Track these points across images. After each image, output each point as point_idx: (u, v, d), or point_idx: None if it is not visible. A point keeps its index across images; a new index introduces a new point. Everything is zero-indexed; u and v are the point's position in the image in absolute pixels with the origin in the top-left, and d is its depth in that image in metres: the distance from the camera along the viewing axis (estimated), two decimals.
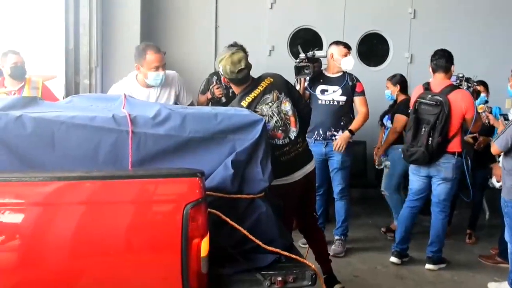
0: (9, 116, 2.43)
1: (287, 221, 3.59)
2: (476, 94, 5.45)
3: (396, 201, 5.92)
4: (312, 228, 4.13)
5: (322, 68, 5.22)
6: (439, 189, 4.85)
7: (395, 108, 5.81)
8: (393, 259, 5.05)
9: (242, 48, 4.84)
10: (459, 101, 4.65)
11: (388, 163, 5.74)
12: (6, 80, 4.86)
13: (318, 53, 5.06)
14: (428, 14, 7.64)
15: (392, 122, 5.76)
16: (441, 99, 4.62)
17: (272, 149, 3.00)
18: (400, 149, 5.52)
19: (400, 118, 5.61)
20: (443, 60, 4.79)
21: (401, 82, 5.94)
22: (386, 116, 6.03)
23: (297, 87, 5.13)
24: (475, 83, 5.14)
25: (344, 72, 5.13)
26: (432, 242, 4.97)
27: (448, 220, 5.22)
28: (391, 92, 5.90)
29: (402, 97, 5.86)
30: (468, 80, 4.99)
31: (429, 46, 5.44)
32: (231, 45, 4.86)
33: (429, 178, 4.89)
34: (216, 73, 5.29)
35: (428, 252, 4.98)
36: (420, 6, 7.64)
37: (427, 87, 4.85)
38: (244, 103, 3.55)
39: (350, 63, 5.09)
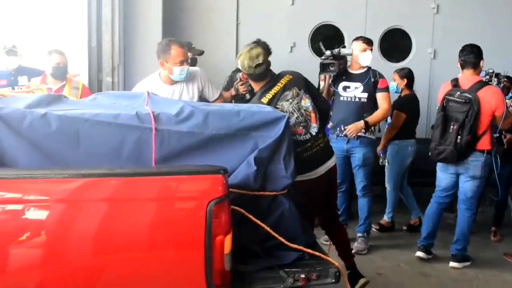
0: (35, 113, 2.47)
1: (310, 218, 3.59)
2: (506, 90, 5.35)
3: (393, 198, 5.93)
4: (334, 224, 4.12)
5: (348, 65, 5.19)
6: (467, 186, 4.76)
7: (396, 103, 5.76)
8: (419, 253, 4.99)
9: (265, 46, 4.88)
10: (489, 98, 4.54)
11: (385, 160, 5.67)
12: (48, 77, 4.97)
13: (343, 51, 5.01)
14: (452, 9, 7.54)
15: (391, 117, 5.75)
16: (470, 96, 4.52)
17: (294, 146, 2.99)
18: (396, 144, 5.67)
19: (400, 115, 5.65)
20: (471, 56, 4.68)
21: (408, 76, 5.87)
22: None
23: (322, 84, 5.10)
24: (505, 79, 5.05)
25: (368, 69, 5.08)
26: (457, 239, 4.90)
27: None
28: (397, 85, 5.83)
29: (406, 92, 5.82)
30: (498, 75, 4.89)
31: (453, 41, 5.40)
32: (254, 42, 4.89)
33: (457, 175, 4.80)
34: (239, 69, 5.28)
35: (453, 249, 4.91)
36: (443, 1, 7.54)
37: (455, 83, 4.73)
38: (265, 99, 3.54)
39: (367, 58, 5.04)
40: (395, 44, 7.90)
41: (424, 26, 7.56)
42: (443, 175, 4.89)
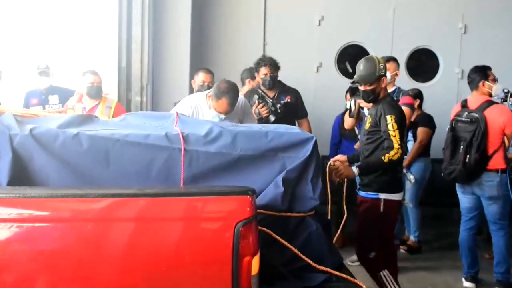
0: (67, 133, 2.52)
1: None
2: None
3: (417, 215, 5.91)
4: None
5: None
6: (491, 210, 4.68)
7: (417, 122, 5.76)
8: (468, 284, 4.86)
9: (272, 60, 5.02)
10: (497, 116, 4.52)
11: (412, 176, 5.63)
12: (84, 97, 5.14)
13: None
14: (480, 29, 7.48)
15: (414, 136, 5.74)
16: (476, 115, 4.53)
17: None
18: (422, 161, 5.69)
19: (428, 132, 5.71)
20: (471, 77, 4.74)
21: (420, 97, 5.92)
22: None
23: (353, 108, 5.02)
24: None
25: (395, 89, 5.03)
26: (498, 262, 4.77)
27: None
28: None
29: (418, 112, 5.83)
30: None
31: (481, 61, 5.32)
32: (260, 59, 5.00)
33: (476, 196, 4.73)
34: (253, 92, 5.26)
35: (496, 274, 4.77)
36: (472, 21, 7.49)
37: (464, 104, 4.78)
38: None
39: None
40: (422, 64, 7.86)
41: (451, 46, 7.52)
42: (462, 196, 4.85)
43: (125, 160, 2.55)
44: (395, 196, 3.88)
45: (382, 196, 3.81)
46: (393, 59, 5.15)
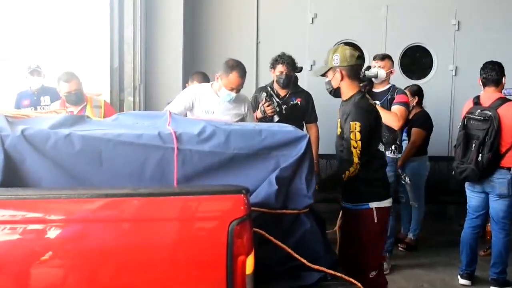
0: (59, 134, 2.50)
1: None
2: None
3: (419, 215, 5.92)
4: None
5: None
6: (496, 206, 4.64)
7: (412, 121, 5.73)
8: (463, 281, 4.86)
9: (291, 59, 4.89)
10: (510, 114, 4.48)
11: (407, 178, 5.60)
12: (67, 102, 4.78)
13: (368, 73, 4.94)
14: (473, 26, 7.50)
15: (408, 136, 5.71)
16: (490, 113, 4.47)
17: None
18: (415, 161, 5.68)
19: (421, 133, 5.67)
20: (493, 73, 4.63)
21: (419, 93, 5.88)
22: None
23: None
24: None
25: (390, 87, 5.02)
26: (494, 262, 4.76)
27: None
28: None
29: (417, 109, 5.80)
30: None
31: (475, 58, 5.36)
32: (279, 56, 4.92)
33: (485, 193, 4.70)
34: (263, 88, 5.25)
35: (492, 273, 4.77)
36: (465, 18, 7.50)
37: (476, 101, 4.70)
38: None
39: (372, 73, 4.95)
40: (416, 61, 7.87)
41: (445, 43, 7.53)
42: (471, 194, 4.81)
43: (118, 160, 2.53)
44: (386, 203, 3.50)
45: (374, 205, 3.41)
46: (388, 57, 5.14)
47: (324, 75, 3.61)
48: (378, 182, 3.48)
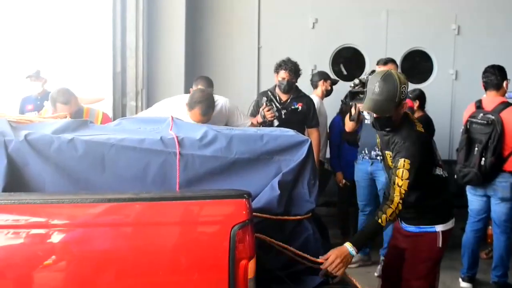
0: (62, 139, 2.51)
1: None
2: None
3: None
4: None
5: None
6: (498, 210, 4.64)
7: None
8: (465, 284, 4.86)
9: (294, 66, 4.91)
10: None
11: None
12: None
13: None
14: (473, 30, 7.50)
15: None
16: (493, 117, 4.48)
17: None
18: None
19: None
20: (493, 77, 4.63)
21: (421, 98, 5.82)
22: None
23: (353, 112, 4.99)
24: None
25: None
26: (496, 265, 4.76)
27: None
28: None
29: (419, 113, 5.73)
30: None
31: (475, 62, 5.36)
32: (283, 61, 4.91)
33: (487, 197, 4.70)
34: (265, 93, 5.26)
35: (493, 277, 4.77)
36: (465, 22, 7.50)
37: (479, 105, 4.70)
38: None
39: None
40: (417, 65, 7.88)
41: (445, 47, 7.53)
42: (473, 198, 4.80)
43: (120, 165, 2.54)
44: (450, 224, 3.16)
45: (439, 228, 3.09)
46: (391, 61, 5.14)
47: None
48: (440, 206, 3.15)
